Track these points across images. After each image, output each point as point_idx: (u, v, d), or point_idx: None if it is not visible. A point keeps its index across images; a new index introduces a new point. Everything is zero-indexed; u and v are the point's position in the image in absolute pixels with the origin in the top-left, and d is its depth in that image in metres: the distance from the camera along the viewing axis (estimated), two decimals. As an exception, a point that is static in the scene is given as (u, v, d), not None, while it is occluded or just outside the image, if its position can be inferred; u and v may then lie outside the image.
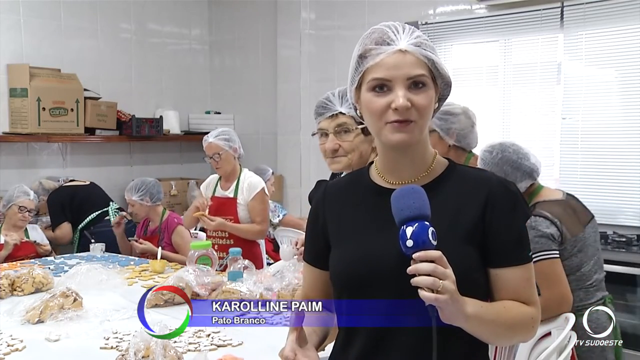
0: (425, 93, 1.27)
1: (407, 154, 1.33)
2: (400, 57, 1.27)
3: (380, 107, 1.28)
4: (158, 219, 4.03)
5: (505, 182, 1.36)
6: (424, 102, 1.27)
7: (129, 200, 4.01)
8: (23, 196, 4.09)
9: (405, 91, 1.26)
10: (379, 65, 1.28)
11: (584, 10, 4.26)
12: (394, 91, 1.26)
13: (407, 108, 1.25)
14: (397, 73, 1.26)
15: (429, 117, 1.30)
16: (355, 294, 1.29)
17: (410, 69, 1.26)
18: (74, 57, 5.37)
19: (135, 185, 4.01)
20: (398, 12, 4.96)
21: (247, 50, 6.22)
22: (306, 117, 5.65)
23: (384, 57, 1.27)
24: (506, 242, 1.30)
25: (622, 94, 4.25)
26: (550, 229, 2.45)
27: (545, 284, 2.35)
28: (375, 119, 1.30)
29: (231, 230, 3.61)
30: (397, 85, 1.26)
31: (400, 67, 1.26)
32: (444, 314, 1.17)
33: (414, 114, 1.26)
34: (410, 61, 1.27)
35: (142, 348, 1.85)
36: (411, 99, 1.26)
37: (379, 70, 1.27)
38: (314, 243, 1.45)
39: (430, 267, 1.15)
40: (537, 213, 2.49)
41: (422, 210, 1.20)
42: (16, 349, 2.18)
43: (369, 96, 1.30)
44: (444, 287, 1.15)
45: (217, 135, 3.68)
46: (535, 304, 1.32)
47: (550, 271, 2.41)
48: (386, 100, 1.27)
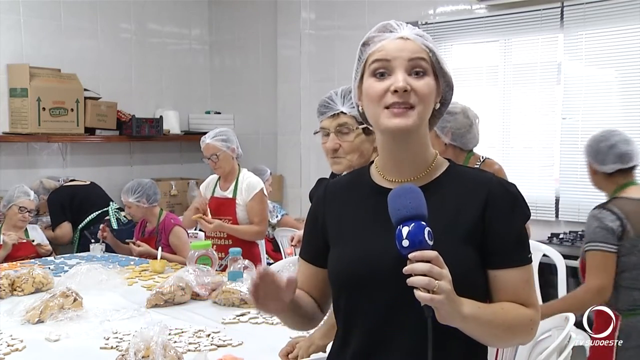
0: (425, 80, 1.28)
1: (407, 148, 1.33)
2: (402, 42, 1.29)
3: (379, 90, 1.28)
4: (155, 220, 4.03)
5: (505, 183, 1.35)
6: (423, 88, 1.27)
7: (126, 202, 4.00)
8: (23, 196, 4.09)
9: (405, 75, 1.27)
10: (380, 49, 1.30)
11: (583, 10, 4.26)
12: (394, 75, 1.27)
13: (406, 90, 1.25)
14: (398, 55, 1.28)
15: (428, 105, 1.30)
16: (353, 293, 1.29)
17: (411, 53, 1.28)
18: (74, 57, 5.37)
19: (132, 187, 4.00)
20: (398, 12, 4.96)
21: (247, 50, 6.22)
22: (306, 117, 5.65)
23: (385, 42, 1.30)
24: (505, 243, 1.29)
25: (622, 94, 4.26)
26: (613, 223, 2.50)
27: (591, 274, 2.44)
28: (374, 104, 1.30)
29: (229, 231, 3.61)
30: (397, 68, 1.27)
31: (401, 50, 1.28)
32: (440, 314, 1.17)
33: (414, 98, 1.27)
34: (411, 47, 1.29)
35: (142, 348, 1.84)
36: (411, 83, 1.27)
37: (381, 53, 1.29)
38: (313, 241, 1.45)
39: (426, 267, 1.15)
40: (607, 207, 2.55)
41: (418, 210, 1.20)
42: (16, 349, 2.18)
43: (370, 82, 1.30)
44: (440, 287, 1.15)
45: (214, 136, 3.67)
46: (535, 306, 1.32)
47: (600, 263, 2.48)
48: (386, 84, 1.28)
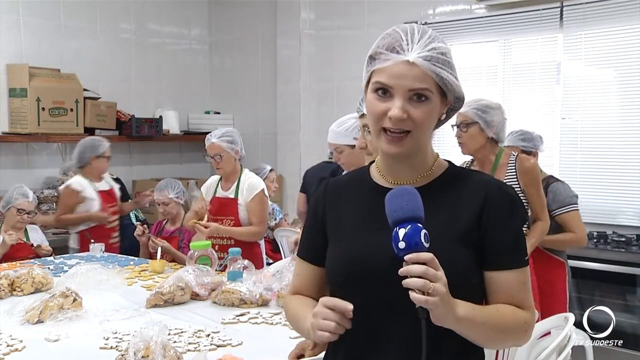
0: (425, 107, 1.27)
1: (405, 160, 1.34)
2: (407, 68, 1.25)
3: (379, 111, 1.28)
4: (180, 220, 4.06)
5: (503, 186, 1.35)
6: (421, 116, 1.26)
7: (164, 199, 4.01)
8: (22, 198, 4.08)
9: (404, 102, 1.26)
10: (384, 70, 1.27)
11: (583, 10, 4.26)
12: (393, 99, 1.27)
13: (402, 120, 1.25)
14: (399, 83, 1.26)
15: (426, 129, 1.30)
16: (350, 292, 1.29)
17: (412, 82, 1.25)
18: (74, 57, 5.37)
19: (169, 183, 4.07)
20: (398, 12, 4.96)
21: (247, 50, 6.22)
22: (306, 117, 5.65)
23: (390, 64, 1.27)
24: (502, 245, 1.30)
25: (621, 94, 4.26)
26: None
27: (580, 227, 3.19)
28: (374, 121, 1.31)
29: (226, 233, 3.60)
30: (397, 94, 1.26)
31: (403, 77, 1.26)
32: (434, 315, 1.18)
33: (410, 125, 1.27)
34: (415, 74, 1.25)
35: (141, 348, 1.84)
36: (409, 110, 1.26)
37: (383, 75, 1.27)
38: (312, 239, 1.45)
39: (421, 269, 1.15)
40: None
41: (415, 212, 1.20)
42: (16, 349, 2.18)
43: (372, 97, 1.30)
44: (435, 289, 1.15)
45: (220, 136, 3.66)
46: (530, 308, 1.32)
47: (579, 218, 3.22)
48: (385, 106, 1.27)
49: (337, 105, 5.34)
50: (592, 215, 4.14)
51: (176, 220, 4.07)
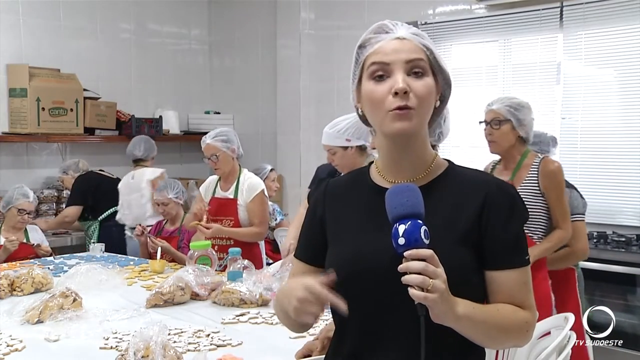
0: (424, 80, 1.28)
1: (407, 150, 1.33)
2: (399, 43, 1.29)
3: (380, 94, 1.28)
4: (179, 220, 4.05)
5: (504, 185, 1.35)
6: (422, 89, 1.27)
7: (164, 199, 4.00)
8: (22, 199, 4.07)
9: (405, 76, 1.27)
10: (378, 51, 1.29)
11: (583, 10, 4.26)
12: (393, 76, 1.27)
13: (406, 91, 1.25)
14: (396, 57, 1.27)
15: (428, 108, 1.30)
16: (350, 292, 1.29)
17: (408, 54, 1.28)
18: (74, 57, 5.37)
19: (169, 184, 4.05)
20: (398, 12, 4.96)
21: (247, 50, 6.22)
22: (306, 117, 5.65)
23: (382, 43, 1.29)
24: (502, 245, 1.29)
25: (621, 94, 4.26)
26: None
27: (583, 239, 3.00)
28: (376, 109, 1.30)
29: (228, 234, 3.60)
30: (396, 69, 1.27)
31: (399, 51, 1.28)
32: (433, 313, 1.17)
33: (413, 101, 1.26)
34: (408, 47, 1.29)
35: (141, 348, 1.84)
36: (410, 84, 1.26)
37: (378, 55, 1.29)
38: (311, 240, 1.45)
39: (420, 266, 1.15)
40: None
41: (415, 208, 1.20)
42: (16, 349, 2.18)
43: (369, 85, 1.30)
44: (434, 286, 1.15)
45: (214, 136, 3.66)
46: (531, 308, 1.32)
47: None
48: (386, 87, 1.27)
49: (337, 105, 5.34)
50: (592, 215, 4.13)
51: (176, 221, 4.06)
